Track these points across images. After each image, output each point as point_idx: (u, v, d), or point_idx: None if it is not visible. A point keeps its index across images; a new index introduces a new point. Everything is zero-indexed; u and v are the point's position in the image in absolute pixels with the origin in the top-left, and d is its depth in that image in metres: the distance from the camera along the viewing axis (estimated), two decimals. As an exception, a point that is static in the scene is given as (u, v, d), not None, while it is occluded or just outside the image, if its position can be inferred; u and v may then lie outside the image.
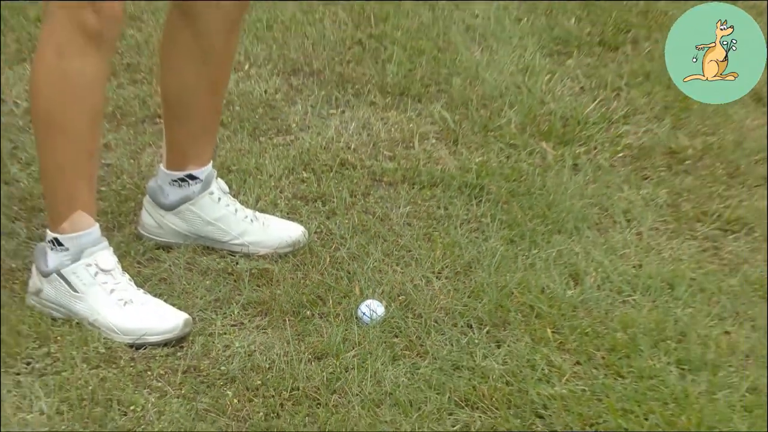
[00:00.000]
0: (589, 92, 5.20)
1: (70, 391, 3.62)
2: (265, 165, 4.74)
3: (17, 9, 5.62)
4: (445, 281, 4.23)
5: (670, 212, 4.61)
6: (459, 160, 4.81)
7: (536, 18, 5.54)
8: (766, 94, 5.29)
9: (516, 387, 3.73)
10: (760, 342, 3.97)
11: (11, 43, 5.40)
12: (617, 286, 4.23)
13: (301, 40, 5.40)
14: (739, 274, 4.31)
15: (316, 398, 3.67)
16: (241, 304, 4.08)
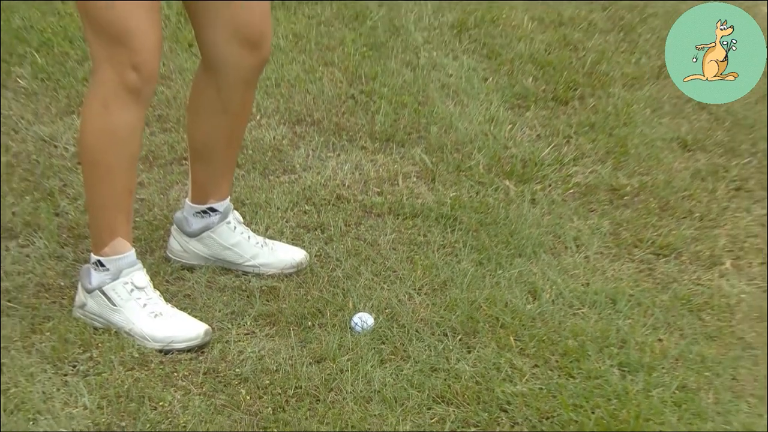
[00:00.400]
0: (544, 139, 5.18)
1: (109, 389, 3.61)
2: (273, 199, 4.73)
3: (69, 70, 5.58)
4: (424, 297, 4.21)
5: (612, 239, 4.60)
6: (436, 195, 4.78)
7: (500, 77, 5.51)
8: (691, 141, 5.25)
9: (484, 386, 3.73)
10: (687, 348, 3.95)
11: (62, 98, 5.37)
12: (568, 301, 4.23)
13: (304, 95, 5.38)
14: (669, 291, 4.31)
15: (315, 395, 3.66)
16: (253, 316, 4.06)
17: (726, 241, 4.62)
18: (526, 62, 5.76)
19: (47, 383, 3.67)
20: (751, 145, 5.21)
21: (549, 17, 6.19)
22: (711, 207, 4.82)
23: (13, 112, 5.20)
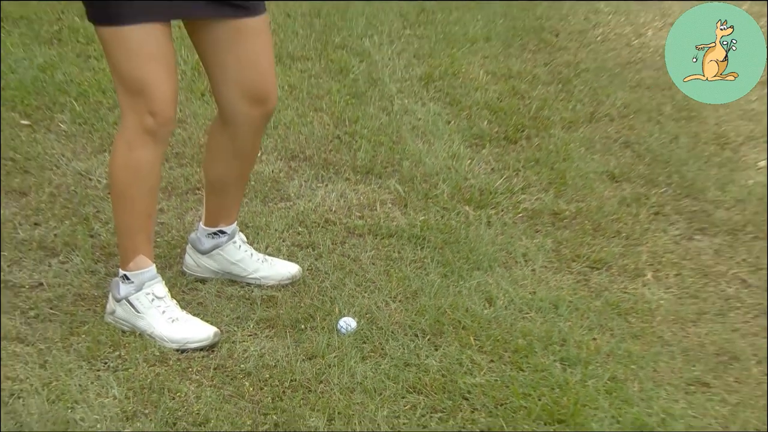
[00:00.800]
0: (497, 172, 5.17)
1: (135, 382, 3.62)
2: (272, 222, 4.72)
3: (101, 116, 5.55)
4: (398, 303, 4.21)
5: (554, 255, 4.58)
6: (408, 219, 4.78)
7: (460, 121, 5.50)
8: (618, 174, 5.25)
9: (448, 378, 3.74)
10: (616, 345, 3.97)
11: (96, 139, 5.37)
12: (518, 306, 4.21)
13: (297, 136, 5.37)
14: (601, 298, 4.31)
15: (308, 387, 3.67)
16: (255, 321, 4.05)
17: (647, 256, 4.61)
18: (482, 108, 5.75)
19: (83, 377, 3.66)
20: (666, 177, 5.22)
21: (500, 71, 6.19)
22: (635, 228, 4.82)
23: (56, 151, 5.18)
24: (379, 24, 6.68)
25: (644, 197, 5.07)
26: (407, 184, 5.14)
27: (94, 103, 5.64)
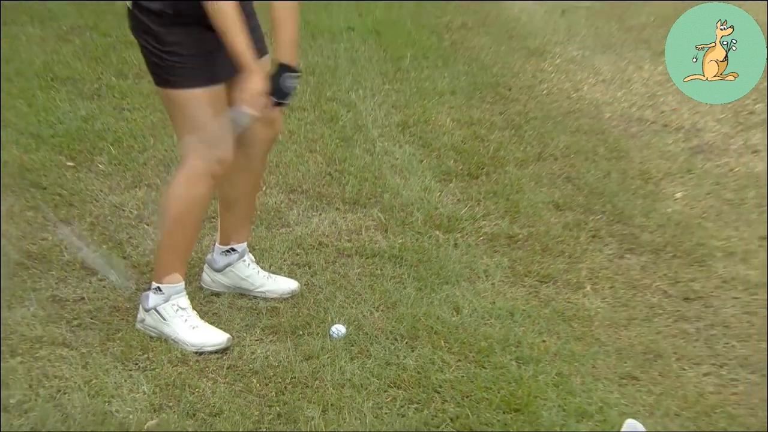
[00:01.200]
0: (462, 202, 5.18)
1: (161, 380, 3.65)
2: (275, 245, 4.72)
3: (133, 158, 5.55)
4: (381, 313, 4.21)
5: (509, 271, 4.58)
6: (388, 242, 4.78)
7: (431, 160, 5.51)
8: (561, 203, 5.25)
9: (423, 375, 3.76)
10: (562, 346, 3.99)
11: (129, 177, 5.36)
12: (481, 314, 4.21)
13: (296, 173, 5.37)
14: (549, 307, 4.31)
15: (305, 383, 3.67)
16: (261, 328, 4.05)
17: (586, 272, 4.61)
18: (449, 150, 5.75)
19: (118, 376, 3.67)
20: (601, 206, 5.23)
21: (464, 119, 6.19)
22: (576, 249, 4.83)
23: (95, 187, 5.16)
24: (363, 80, 6.68)
25: (583, 223, 5.08)
26: (387, 212, 5.12)
27: (127, 147, 5.62)
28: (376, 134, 5.92)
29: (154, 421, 3.45)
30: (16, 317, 4.06)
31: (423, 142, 5.87)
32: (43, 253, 4.56)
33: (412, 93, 6.51)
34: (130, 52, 6.88)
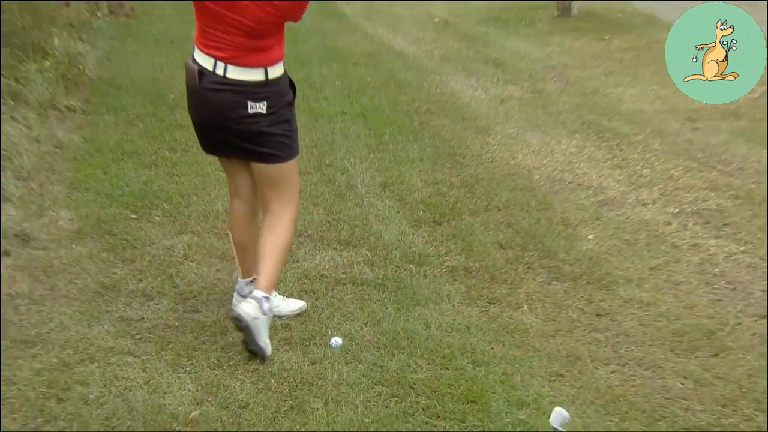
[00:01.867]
0: (429, 243, 5.19)
1: (202, 380, 3.74)
2: (288, 276, 4.69)
3: (180, 211, 5.53)
4: (369, 328, 4.22)
5: (466, 295, 4.59)
6: (374, 273, 4.78)
7: (405, 211, 5.58)
8: (504, 242, 5.25)
9: (401, 375, 3.77)
10: (506, 352, 4.00)
11: (177, 225, 5.39)
12: (445, 328, 4.22)
13: (302, 221, 5.37)
14: (496, 322, 4.32)
15: (311, 382, 3.70)
16: (278, 339, 4.06)
17: (524, 295, 4.60)
18: (419, 203, 5.75)
19: (169, 377, 3.68)
20: (534, 245, 5.26)
21: (430, 180, 6.21)
22: (515, 277, 4.82)
23: (152, 234, 5.17)
24: (354, 151, 6.71)
25: (520, 258, 5.07)
26: (373, 251, 5.09)
27: (176, 203, 5.61)
28: (364, 191, 5.94)
29: (197, 412, 3.44)
30: (94, 333, 4.05)
31: (399, 197, 5.88)
32: (114, 284, 4.54)
33: (391, 160, 6.54)
34: (178, 132, 6.93)
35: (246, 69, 3.48)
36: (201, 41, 3.52)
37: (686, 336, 4.26)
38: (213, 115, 3.61)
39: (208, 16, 3.43)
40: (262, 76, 3.51)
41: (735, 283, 4.86)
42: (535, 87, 8.58)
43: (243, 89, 3.50)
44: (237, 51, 3.45)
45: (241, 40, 3.42)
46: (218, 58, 3.47)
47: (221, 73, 3.48)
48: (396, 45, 10.10)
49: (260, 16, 3.36)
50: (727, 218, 5.73)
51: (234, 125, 3.57)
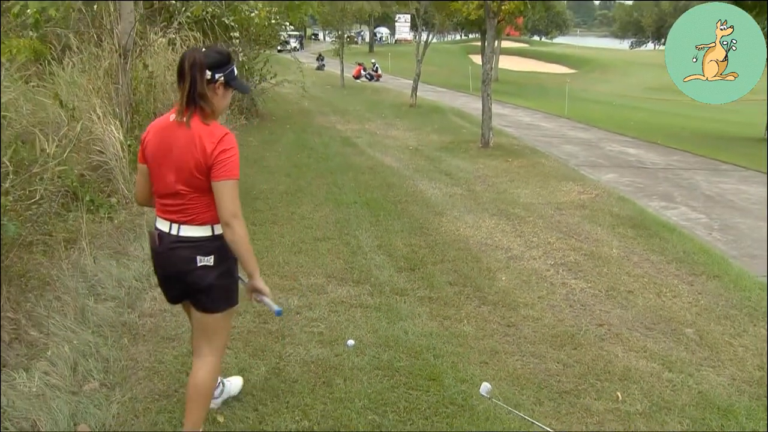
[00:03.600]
0: (408, 282, 5.18)
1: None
2: (321, 303, 4.66)
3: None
4: (370, 334, 4.24)
5: (430, 314, 4.62)
6: (373, 301, 4.73)
7: (393, 261, 5.56)
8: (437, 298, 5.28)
9: (390, 363, 3.74)
10: (454, 350, 3.98)
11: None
12: (417, 335, 4.26)
13: (327, 268, 5.28)
14: (448, 331, 4.40)
15: (335, 367, 3.69)
16: (314, 342, 3.99)
17: (464, 314, 4.68)
18: (401, 257, 5.72)
19: (248, 361, 3.58)
20: (470, 283, 5.25)
21: (407, 243, 6.16)
22: (459, 303, 4.83)
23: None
24: (362, 225, 6.68)
25: (462, 291, 5.09)
26: (373, 287, 5.07)
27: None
28: (367, 250, 5.94)
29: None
30: None
31: (389, 253, 5.88)
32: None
33: (384, 231, 6.53)
34: (256, 214, 6.83)
35: (195, 227, 2.60)
36: (159, 210, 2.69)
37: (558, 338, 4.35)
38: (171, 270, 2.68)
39: (160, 192, 2.64)
40: (209, 232, 2.61)
41: (585, 305, 4.98)
42: (469, 188, 8.68)
43: (194, 244, 2.60)
44: (186, 213, 2.60)
45: (187, 204, 2.59)
46: (173, 220, 2.62)
47: (176, 233, 2.61)
48: (386, 162, 10.23)
49: (192, 185, 2.57)
50: (580, 267, 5.75)
51: (187, 277, 2.64)
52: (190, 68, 2.47)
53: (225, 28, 11.69)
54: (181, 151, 2.53)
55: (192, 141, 2.51)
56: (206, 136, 2.52)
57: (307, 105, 18.07)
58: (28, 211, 4.61)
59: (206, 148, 2.51)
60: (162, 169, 2.59)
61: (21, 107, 6.18)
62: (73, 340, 3.77)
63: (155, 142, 2.59)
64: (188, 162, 2.52)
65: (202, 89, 2.51)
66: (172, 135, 2.55)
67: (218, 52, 2.57)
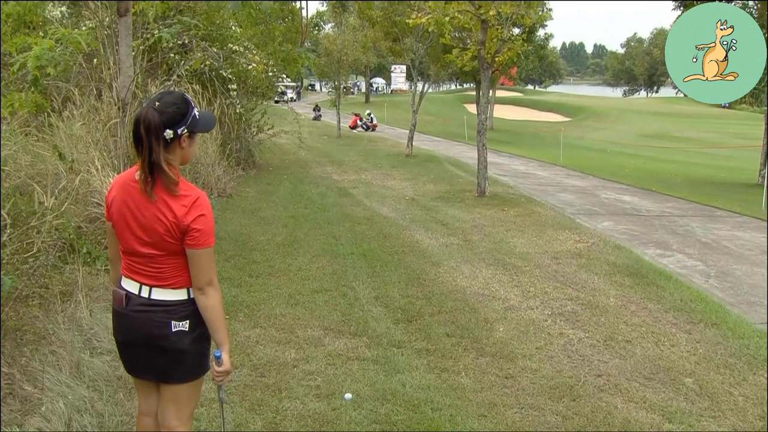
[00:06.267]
0: (404, 334, 5.15)
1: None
2: (318, 356, 4.60)
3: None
4: (367, 388, 4.22)
5: (427, 367, 4.60)
6: (371, 353, 4.70)
7: (390, 313, 5.56)
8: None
9: (388, 417, 3.63)
10: (452, 402, 3.96)
11: (251, 321, 5.23)
12: (414, 387, 4.21)
13: (324, 321, 5.27)
14: (446, 384, 4.30)
15: (332, 421, 3.66)
16: (311, 396, 3.96)
17: (462, 366, 4.64)
18: (398, 308, 5.72)
19: (245, 416, 3.51)
20: (468, 334, 5.26)
21: (404, 294, 6.17)
22: (456, 355, 4.82)
23: (237, 327, 5.16)
24: (359, 275, 6.72)
25: (460, 343, 5.09)
26: (370, 339, 5.06)
27: (252, 309, 5.63)
28: (364, 302, 5.94)
29: None
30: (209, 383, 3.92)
31: (386, 305, 5.89)
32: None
33: (381, 282, 6.54)
34: (254, 266, 6.87)
35: (169, 290, 2.39)
36: (126, 270, 2.46)
37: (557, 389, 4.35)
38: (137, 335, 2.42)
39: (128, 251, 2.43)
40: (185, 295, 2.40)
41: (584, 355, 4.98)
42: (466, 238, 8.74)
43: (167, 308, 2.38)
44: (158, 277, 2.39)
45: (159, 266, 2.39)
46: (143, 282, 2.40)
47: (147, 296, 2.39)
48: (383, 212, 10.32)
49: (163, 249, 2.38)
50: (578, 317, 5.75)
51: (157, 343, 2.40)
52: (146, 133, 2.25)
53: (223, 80, 11.97)
54: (149, 212, 2.34)
55: (161, 204, 2.33)
56: (176, 199, 2.34)
57: (304, 155, 18.27)
58: (24, 264, 4.63)
59: (177, 212, 2.32)
60: (130, 228, 2.38)
61: (20, 159, 6.26)
62: (68, 395, 3.73)
63: (120, 199, 2.39)
64: (157, 227, 2.34)
65: (160, 159, 2.28)
66: (138, 194, 2.35)
67: (174, 103, 2.30)
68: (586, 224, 9.91)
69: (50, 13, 9.99)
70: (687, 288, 6.73)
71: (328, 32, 41.69)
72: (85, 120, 7.61)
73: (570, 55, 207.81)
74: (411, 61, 19.50)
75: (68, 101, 8.14)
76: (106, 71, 8.06)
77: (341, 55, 24.14)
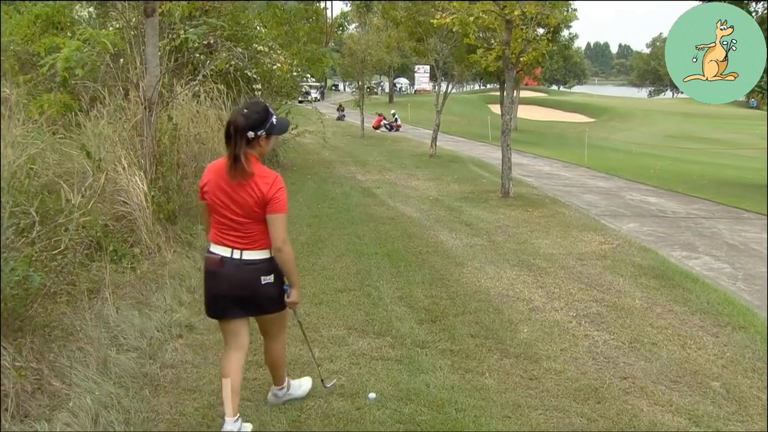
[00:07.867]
0: (429, 334, 5.12)
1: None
2: (343, 355, 4.62)
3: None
4: (391, 388, 4.21)
5: (451, 367, 4.56)
6: (395, 353, 4.69)
7: (414, 314, 5.54)
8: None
9: (412, 417, 3.63)
10: (476, 403, 3.95)
11: None
12: (438, 387, 4.15)
13: (348, 320, 5.29)
14: (470, 384, 4.29)
15: (356, 420, 3.69)
16: (335, 395, 3.99)
17: (486, 367, 4.62)
18: (422, 309, 5.71)
19: (269, 415, 3.54)
20: (491, 335, 5.23)
21: (427, 294, 6.16)
22: (481, 356, 4.80)
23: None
24: (383, 276, 6.72)
25: (484, 343, 5.06)
26: (394, 339, 5.06)
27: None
28: (388, 301, 5.95)
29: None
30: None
31: (410, 305, 5.88)
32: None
33: (405, 282, 6.53)
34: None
35: (257, 251, 3.14)
36: (219, 237, 3.18)
37: (582, 391, 4.30)
38: (232, 288, 3.17)
39: (221, 222, 3.16)
40: (267, 254, 3.17)
41: (609, 357, 4.92)
42: (490, 238, 8.69)
43: (257, 266, 3.16)
44: (247, 240, 3.13)
45: (247, 232, 3.12)
46: (234, 247, 3.13)
47: (239, 257, 3.13)
48: (407, 212, 10.30)
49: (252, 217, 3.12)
50: (603, 319, 5.69)
51: (251, 294, 3.19)
52: (234, 133, 3.03)
53: (248, 80, 12.03)
54: (243, 189, 3.07)
55: (250, 183, 3.07)
56: (261, 178, 3.10)
57: (328, 155, 18.33)
58: (53, 262, 4.70)
59: (263, 189, 3.07)
60: (225, 203, 3.10)
61: (47, 158, 6.35)
62: (95, 391, 3.79)
63: (215, 181, 3.12)
64: (248, 200, 3.08)
65: (241, 151, 3.05)
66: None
67: (257, 112, 3.08)
68: (611, 225, 9.81)
69: (78, 13, 10.14)
70: (714, 290, 6.62)
71: (352, 32, 41.77)
72: (111, 119, 7.71)
73: (595, 55, 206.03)
74: (435, 62, 19.45)
75: (95, 100, 8.24)
76: (132, 71, 8.14)
77: (365, 56, 24.20)
